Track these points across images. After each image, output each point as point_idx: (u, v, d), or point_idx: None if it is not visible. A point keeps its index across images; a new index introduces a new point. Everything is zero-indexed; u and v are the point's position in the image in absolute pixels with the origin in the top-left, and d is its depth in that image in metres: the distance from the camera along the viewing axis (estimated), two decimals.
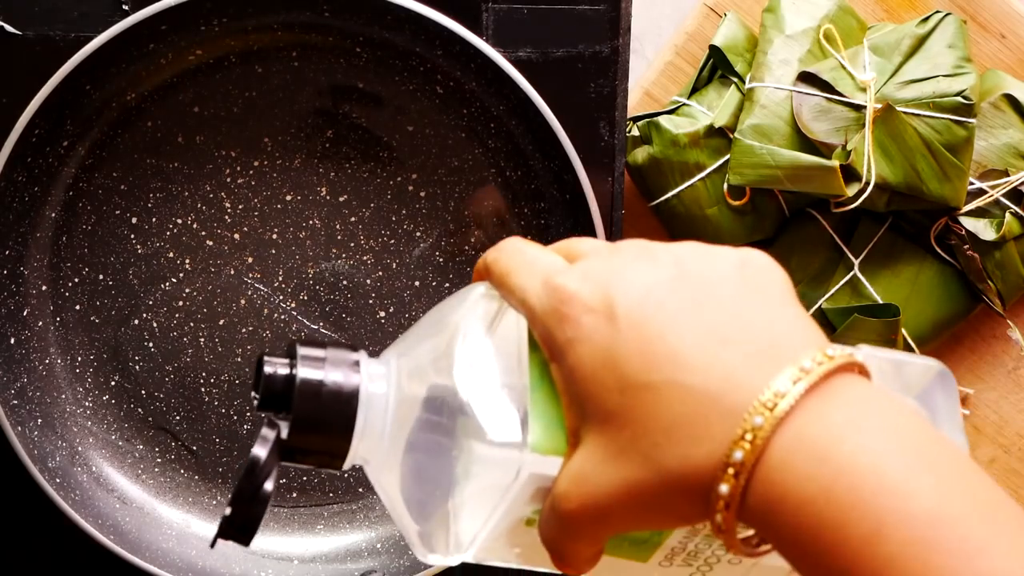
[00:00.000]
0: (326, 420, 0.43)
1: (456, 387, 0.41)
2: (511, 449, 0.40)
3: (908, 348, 0.75)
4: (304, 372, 0.43)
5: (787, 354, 0.37)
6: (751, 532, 0.39)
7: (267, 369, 0.43)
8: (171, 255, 0.69)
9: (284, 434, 0.43)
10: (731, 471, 0.36)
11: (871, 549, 0.34)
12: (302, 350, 0.43)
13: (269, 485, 0.42)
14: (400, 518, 0.45)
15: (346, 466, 0.44)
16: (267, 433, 0.42)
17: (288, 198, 0.69)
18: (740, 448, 0.36)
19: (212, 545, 0.44)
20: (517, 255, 0.43)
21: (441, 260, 0.70)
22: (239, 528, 0.43)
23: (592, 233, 0.66)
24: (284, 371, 0.43)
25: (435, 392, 0.42)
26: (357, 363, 0.44)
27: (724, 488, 0.36)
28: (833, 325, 0.74)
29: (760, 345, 0.38)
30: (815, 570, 0.36)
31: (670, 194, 0.74)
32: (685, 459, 0.37)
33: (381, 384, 0.44)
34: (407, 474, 0.43)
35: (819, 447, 0.35)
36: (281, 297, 0.70)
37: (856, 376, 0.38)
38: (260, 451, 0.42)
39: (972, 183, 0.73)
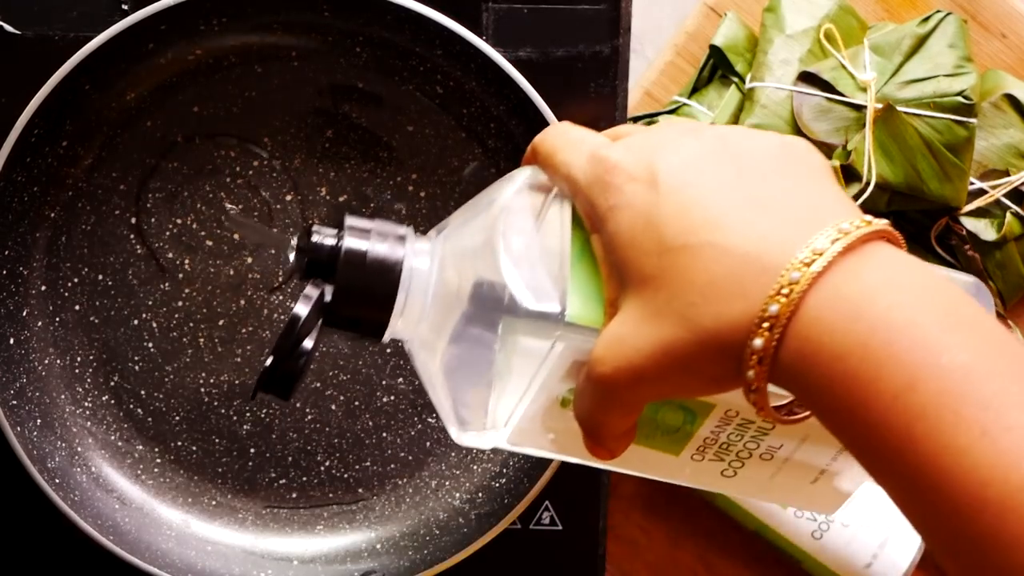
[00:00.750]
0: (368, 289, 0.44)
1: (498, 266, 0.42)
2: (548, 319, 0.41)
3: None
4: (350, 242, 0.44)
5: (826, 219, 0.38)
6: (783, 403, 0.39)
7: (315, 238, 0.44)
8: (171, 255, 0.69)
9: (328, 298, 0.44)
10: (765, 325, 0.37)
11: (903, 401, 0.34)
12: (350, 220, 0.45)
13: (309, 343, 0.43)
14: (437, 397, 0.46)
15: (385, 338, 0.45)
16: (310, 292, 0.44)
17: (288, 198, 0.69)
18: (776, 302, 0.36)
19: (252, 397, 0.46)
20: (563, 135, 0.44)
21: None
22: (278, 381, 0.44)
23: None
24: (331, 241, 0.44)
25: (478, 277, 0.43)
26: (403, 238, 0.45)
27: (758, 342, 0.37)
28: None
29: (799, 212, 0.38)
30: (848, 425, 0.36)
31: None
32: (720, 317, 0.37)
33: (424, 260, 0.44)
34: (448, 355, 0.44)
35: (854, 303, 0.36)
36: (281, 297, 0.70)
37: (891, 244, 0.38)
38: (301, 308, 0.43)
39: (973, 183, 0.73)
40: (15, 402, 0.67)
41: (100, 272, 0.69)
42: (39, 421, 0.68)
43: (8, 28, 0.66)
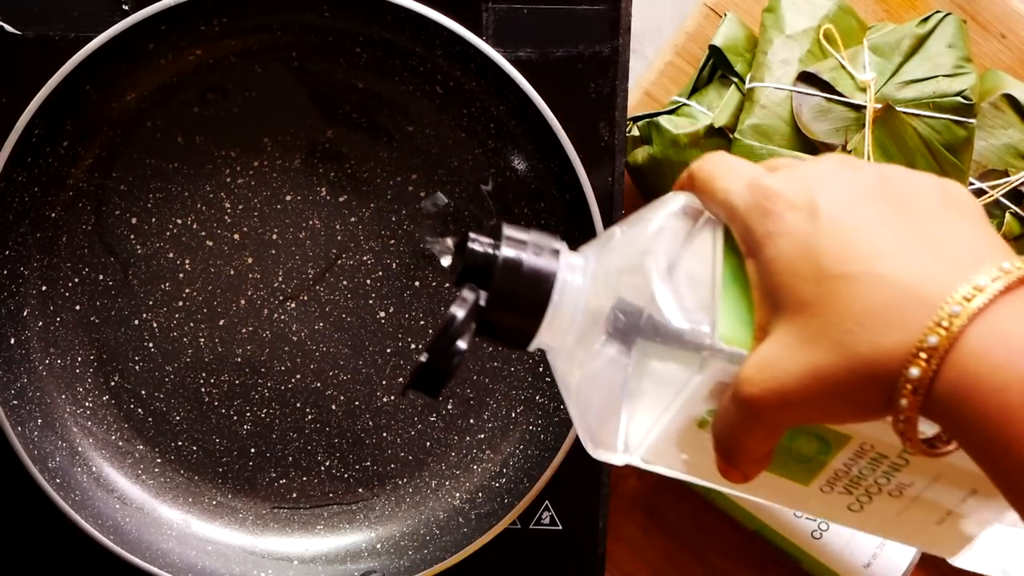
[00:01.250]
0: (521, 298, 0.45)
1: (650, 286, 0.42)
2: (697, 339, 0.42)
3: None
4: (507, 251, 0.45)
5: (985, 258, 0.39)
6: (926, 436, 0.40)
7: (472, 246, 0.46)
8: (171, 255, 0.69)
9: (483, 301, 0.45)
10: (923, 355, 0.37)
11: None
12: (507, 230, 0.46)
13: (463, 344, 0.44)
14: (574, 410, 0.46)
15: (531, 347, 0.46)
16: (467, 295, 0.45)
17: (288, 198, 0.69)
18: (935, 333, 0.37)
19: (403, 393, 0.48)
20: (722, 162, 0.45)
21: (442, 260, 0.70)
22: (430, 379, 0.45)
23: (592, 234, 0.66)
24: (488, 249, 0.45)
25: (626, 296, 0.44)
26: (557, 251, 0.46)
27: (914, 371, 0.37)
28: None
29: (959, 250, 0.39)
30: (1000, 458, 0.37)
31: None
32: (876, 345, 0.38)
33: (577, 276, 0.45)
34: (588, 370, 0.45)
35: (1015, 339, 0.37)
36: (281, 297, 0.70)
37: None
38: (459, 310, 0.44)
39: (972, 183, 0.73)
40: (16, 402, 0.67)
41: (100, 272, 0.69)
42: (40, 421, 0.68)
43: (8, 28, 0.67)
